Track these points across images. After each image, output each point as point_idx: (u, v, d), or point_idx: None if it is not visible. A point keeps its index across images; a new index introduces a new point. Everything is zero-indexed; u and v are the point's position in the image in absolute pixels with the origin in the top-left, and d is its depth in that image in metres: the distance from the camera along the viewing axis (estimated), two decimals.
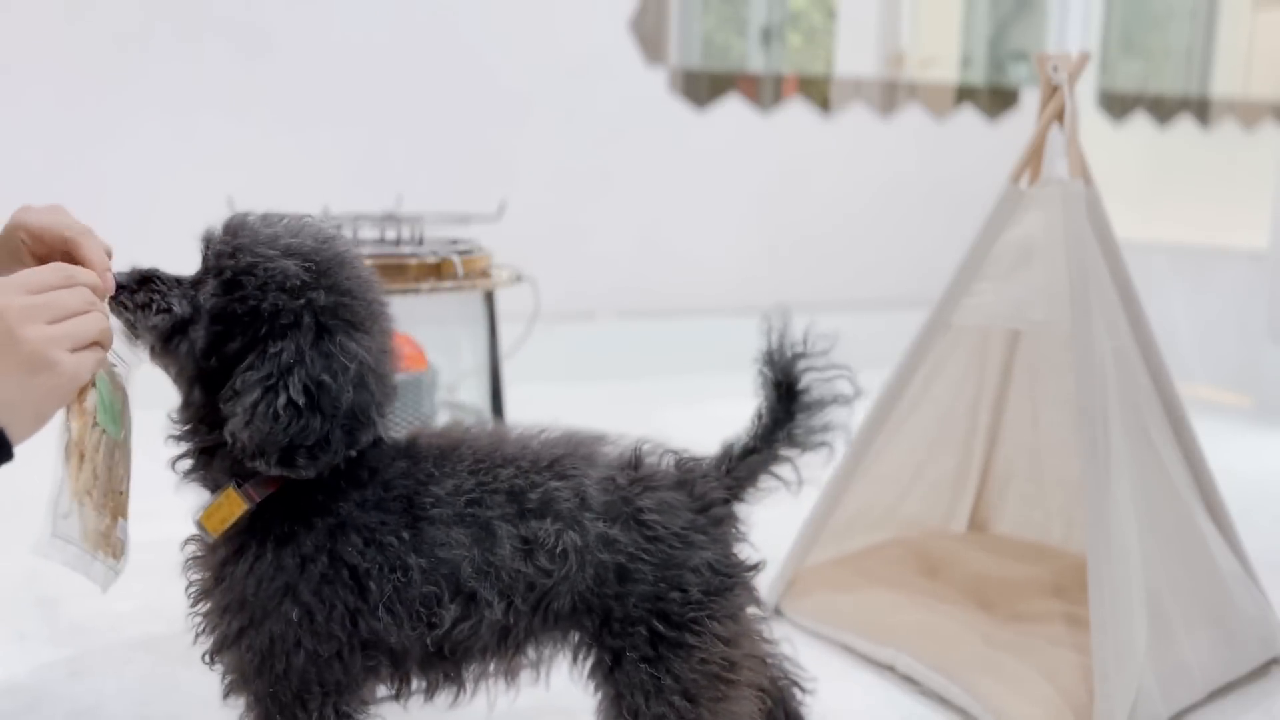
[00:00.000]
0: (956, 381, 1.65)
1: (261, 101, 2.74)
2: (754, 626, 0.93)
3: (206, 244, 0.85)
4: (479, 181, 2.91)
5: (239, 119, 2.72)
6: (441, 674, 0.88)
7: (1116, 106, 3.72)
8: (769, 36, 3.45)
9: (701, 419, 0.96)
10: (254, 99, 2.73)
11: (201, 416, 0.86)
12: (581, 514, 0.86)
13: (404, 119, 2.88)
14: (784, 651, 1.04)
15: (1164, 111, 3.74)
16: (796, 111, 3.40)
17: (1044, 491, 1.71)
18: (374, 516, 0.84)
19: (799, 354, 0.90)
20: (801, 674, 1.06)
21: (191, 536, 0.89)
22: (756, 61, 3.44)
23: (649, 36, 3.14)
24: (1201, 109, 3.75)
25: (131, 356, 0.93)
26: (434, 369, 1.48)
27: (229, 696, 0.87)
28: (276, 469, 0.82)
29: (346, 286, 0.84)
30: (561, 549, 0.84)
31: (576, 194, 3.12)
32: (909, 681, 1.34)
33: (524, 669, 0.92)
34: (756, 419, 0.92)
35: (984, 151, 3.57)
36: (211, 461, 0.86)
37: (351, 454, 0.83)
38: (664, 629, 0.86)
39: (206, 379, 0.85)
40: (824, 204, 3.49)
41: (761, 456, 0.92)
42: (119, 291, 0.84)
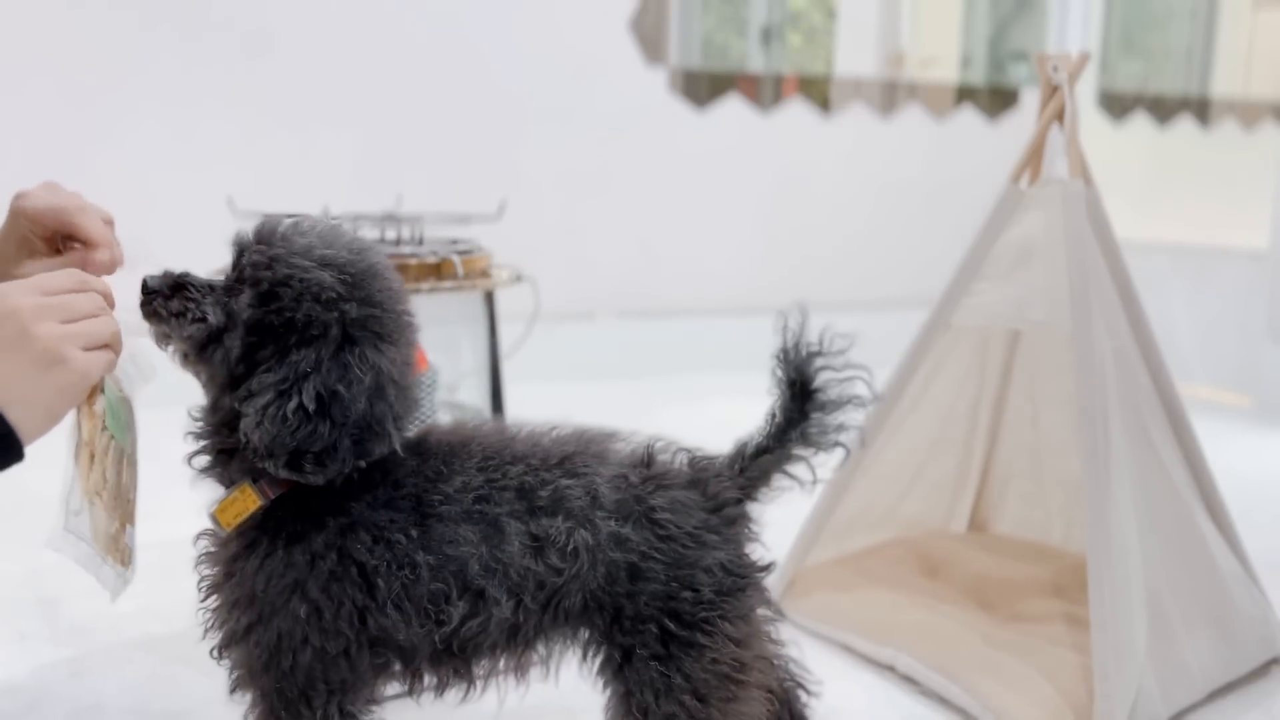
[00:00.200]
0: (956, 381, 1.65)
1: (262, 101, 2.74)
2: (765, 627, 0.92)
3: (240, 252, 0.84)
4: (479, 181, 2.91)
5: (239, 118, 2.72)
6: (451, 670, 0.88)
7: (1116, 106, 3.72)
8: (769, 36, 3.45)
9: (702, 419, 0.96)
10: (254, 98, 2.73)
11: (225, 420, 0.86)
12: (593, 512, 0.85)
13: (404, 119, 2.88)
14: (790, 653, 1.03)
15: (1164, 111, 3.74)
16: (796, 111, 3.40)
17: (1044, 491, 1.71)
18: (383, 515, 0.84)
19: (815, 353, 0.89)
20: (807, 676, 1.05)
21: (204, 531, 0.89)
22: (756, 61, 3.44)
23: (649, 36, 3.14)
24: (1201, 109, 3.75)
25: (137, 372, 0.93)
26: (434, 369, 1.48)
27: (235, 691, 0.87)
28: (285, 472, 0.82)
29: (378, 299, 0.84)
30: (573, 547, 0.84)
31: (576, 194, 3.12)
32: (909, 681, 1.34)
33: (534, 666, 0.91)
34: (770, 418, 0.92)
35: (984, 151, 3.57)
36: (230, 461, 0.86)
37: (363, 463, 0.83)
38: (675, 628, 0.85)
39: (236, 385, 0.85)
40: (824, 204, 3.49)
41: (774, 456, 0.91)
42: (152, 298, 0.84)
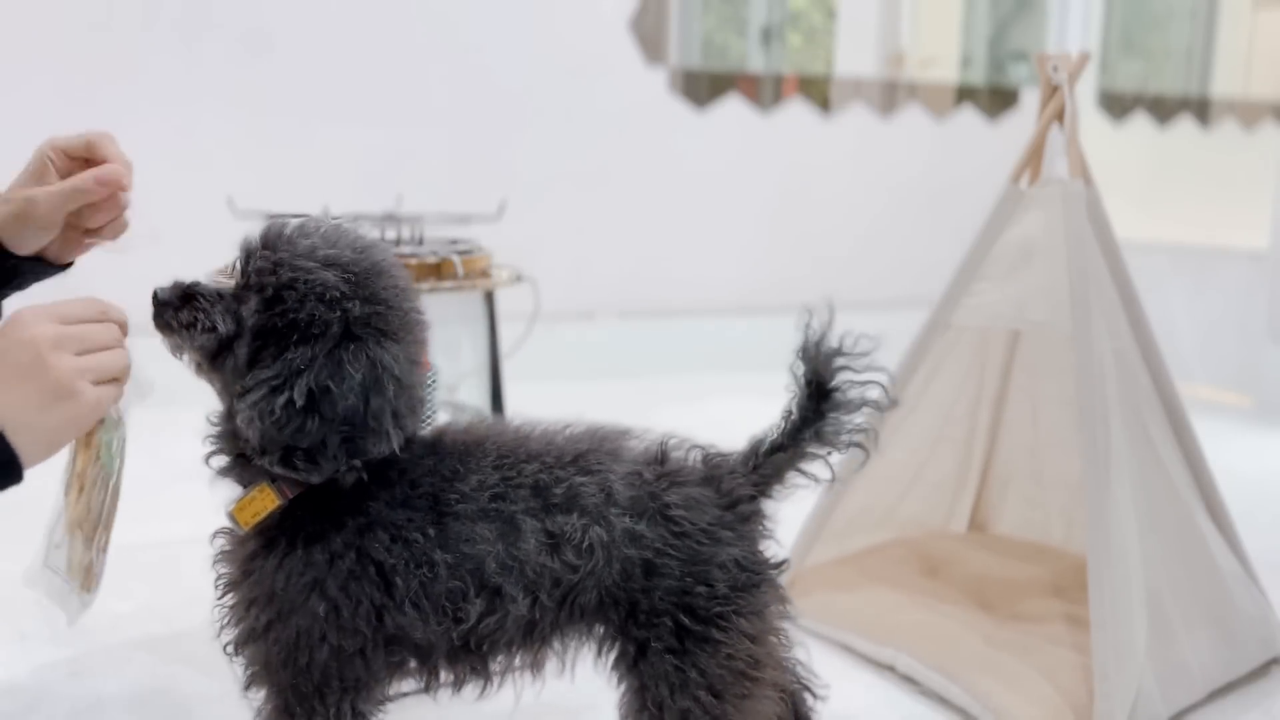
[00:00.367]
0: (956, 381, 1.65)
1: (262, 101, 2.74)
2: (778, 625, 0.92)
3: (246, 258, 0.84)
4: (479, 181, 2.91)
5: (239, 118, 2.72)
6: (469, 667, 0.88)
7: (1116, 106, 3.72)
8: (769, 36, 3.45)
9: (702, 418, 0.96)
10: (254, 98, 2.73)
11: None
12: (608, 509, 0.85)
13: (404, 119, 2.88)
14: (797, 656, 1.03)
15: (1164, 111, 3.74)
16: (796, 111, 3.40)
17: (1044, 491, 1.71)
18: (401, 514, 0.84)
19: (834, 352, 0.89)
20: (814, 680, 1.05)
21: (221, 529, 0.89)
22: (756, 61, 3.44)
23: (649, 36, 3.14)
24: (1201, 109, 3.75)
25: (134, 389, 0.93)
26: (434, 369, 1.48)
27: (250, 688, 0.87)
28: (279, 469, 0.82)
29: (383, 296, 0.84)
30: (588, 544, 0.84)
31: (576, 194, 3.12)
32: (909, 681, 1.34)
33: (550, 662, 0.91)
34: (786, 415, 0.91)
35: (984, 151, 3.57)
36: (249, 462, 0.86)
37: (358, 462, 0.83)
38: (690, 623, 0.85)
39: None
40: (823, 204, 3.49)
41: (789, 454, 0.91)
42: (164, 310, 0.84)
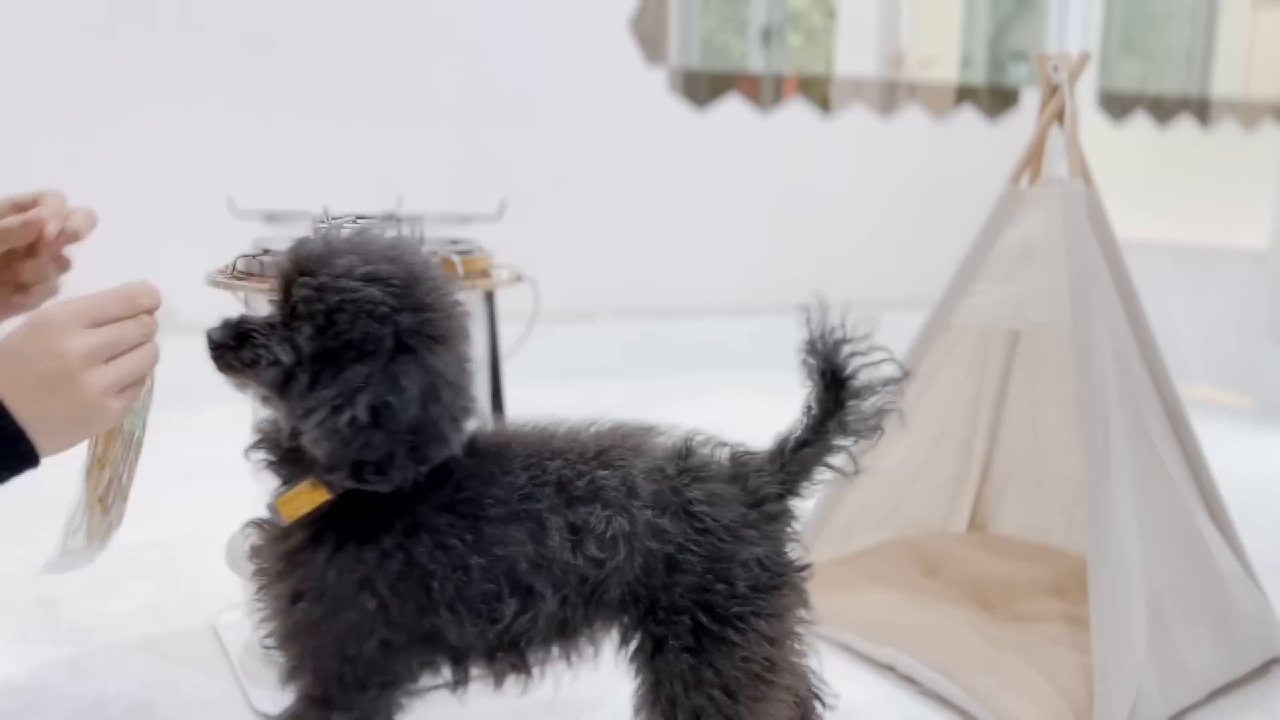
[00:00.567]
0: (956, 381, 1.65)
1: (262, 100, 2.74)
2: (798, 630, 0.92)
3: (287, 285, 0.83)
4: (479, 181, 2.91)
5: (239, 118, 2.72)
6: (508, 664, 0.88)
7: (1116, 106, 3.72)
8: (769, 36, 3.45)
9: (701, 418, 0.96)
10: (254, 98, 2.73)
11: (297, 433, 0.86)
12: (629, 502, 0.85)
13: (404, 119, 2.88)
14: (810, 662, 1.01)
15: (1164, 111, 3.74)
16: (796, 111, 3.40)
17: (1044, 491, 1.71)
18: (444, 518, 0.84)
19: (841, 340, 0.88)
20: (825, 688, 1.04)
21: (254, 521, 0.89)
22: (756, 61, 3.44)
23: (649, 36, 3.14)
24: (1201, 109, 3.74)
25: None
26: None
27: (291, 680, 0.87)
28: (350, 483, 0.82)
29: (428, 302, 0.84)
30: (610, 534, 0.84)
31: (576, 194, 3.12)
32: (909, 681, 1.34)
33: (581, 657, 0.91)
34: (806, 411, 0.91)
35: (984, 151, 3.57)
36: (300, 461, 0.85)
37: (424, 468, 0.82)
38: (708, 621, 0.85)
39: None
40: (824, 204, 3.49)
41: (815, 449, 0.91)
42: (222, 352, 0.84)
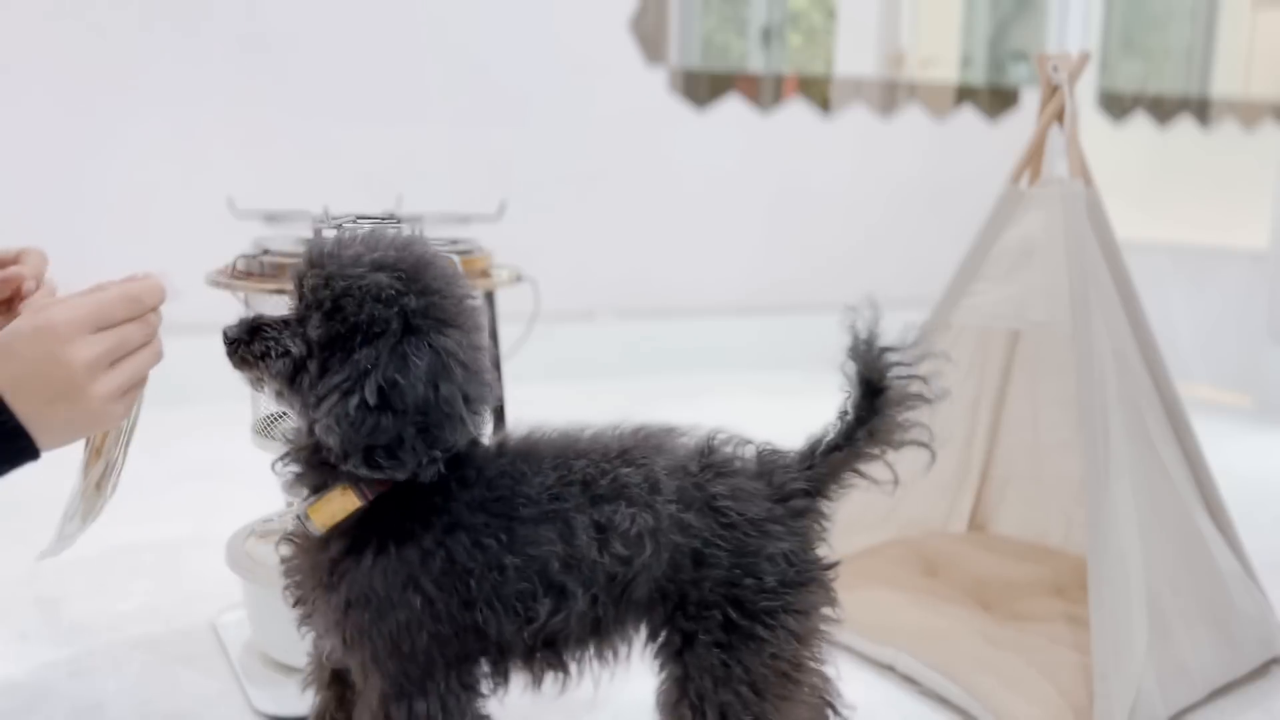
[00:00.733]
0: (956, 382, 1.65)
1: (262, 101, 2.74)
2: (824, 629, 0.92)
3: (300, 281, 0.84)
4: (479, 181, 2.91)
5: (239, 118, 2.72)
6: (544, 663, 0.89)
7: (1116, 106, 3.72)
8: (769, 36, 3.45)
9: (702, 418, 0.96)
10: (254, 98, 2.73)
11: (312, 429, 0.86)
12: (653, 498, 0.85)
13: (404, 119, 2.88)
14: (828, 670, 1.01)
15: (1164, 111, 3.74)
16: (796, 111, 3.41)
17: (1044, 491, 1.71)
18: (480, 517, 0.85)
19: (886, 349, 0.88)
20: (840, 699, 1.04)
21: (285, 537, 0.89)
22: (756, 61, 3.44)
23: (649, 36, 3.14)
24: (1201, 109, 3.75)
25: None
26: None
27: (364, 680, 0.87)
28: (364, 470, 0.81)
29: (435, 286, 0.84)
30: (636, 531, 0.84)
31: (576, 194, 3.12)
32: (909, 681, 1.34)
33: (614, 657, 0.91)
34: (840, 415, 0.91)
35: (984, 151, 3.57)
36: (333, 469, 0.85)
37: (438, 453, 0.82)
38: (737, 616, 0.85)
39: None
40: (824, 204, 3.49)
41: (845, 454, 0.91)
42: (236, 346, 0.85)
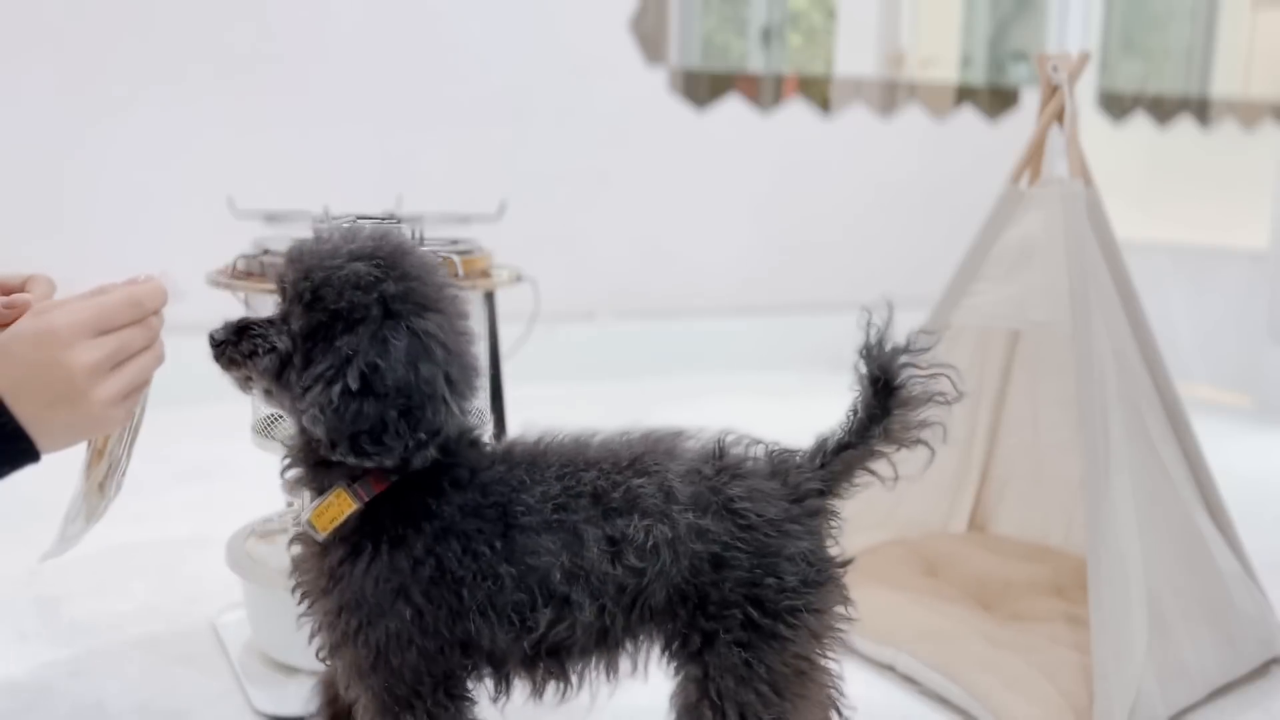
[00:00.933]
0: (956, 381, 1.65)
1: (262, 101, 2.74)
2: (839, 627, 0.92)
3: (282, 283, 0.85)
4: (479, 181, 2.91)
5: (239, 118, 2.72)
6: (546, 672, 0.88)
7: (1116, 106, 3.72)
8: (769, 36, 3.45)
9: (702, 418, 0.96)
10: (254, 98, 2.73)
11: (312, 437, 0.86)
12: (669, 507, 0.85)
13: (404, 119, 2.88)
14: (835, 670, 1.01)
15: (1164, 111, 3.74)
16: (796, 111, 3.41)
17: (1044, 491, 1.71)
18: (472, 523, 0.84)
19: (899, 349, 0.88)
20: (844, 699, 1.04)
21: (296, 537, 0.90)
22: (756, 61, 3.44)
23: (649, 36, 3.14)
24: (1201, 109, 3.75)
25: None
26: None
27: (347, 689, 0.88)
28: (352, 459, 0.81)
29: (414, 272, 0.84)
30: (652, 544, 0.83)
31: (576, 194, 3.12)
32: (909, 681, 1.34)
33: (621, 667, 0.91)
34: (851, 413, 0.91)
35: (984, 151, 3.57)
36: (329, 471, 0.86)
37: (424, 436, 0.82)
38: (759, 616, 0.85)
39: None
40: (824, 204, 3.49)
41: (856, 452, 0.91)
42: (223, 348, 0.85)
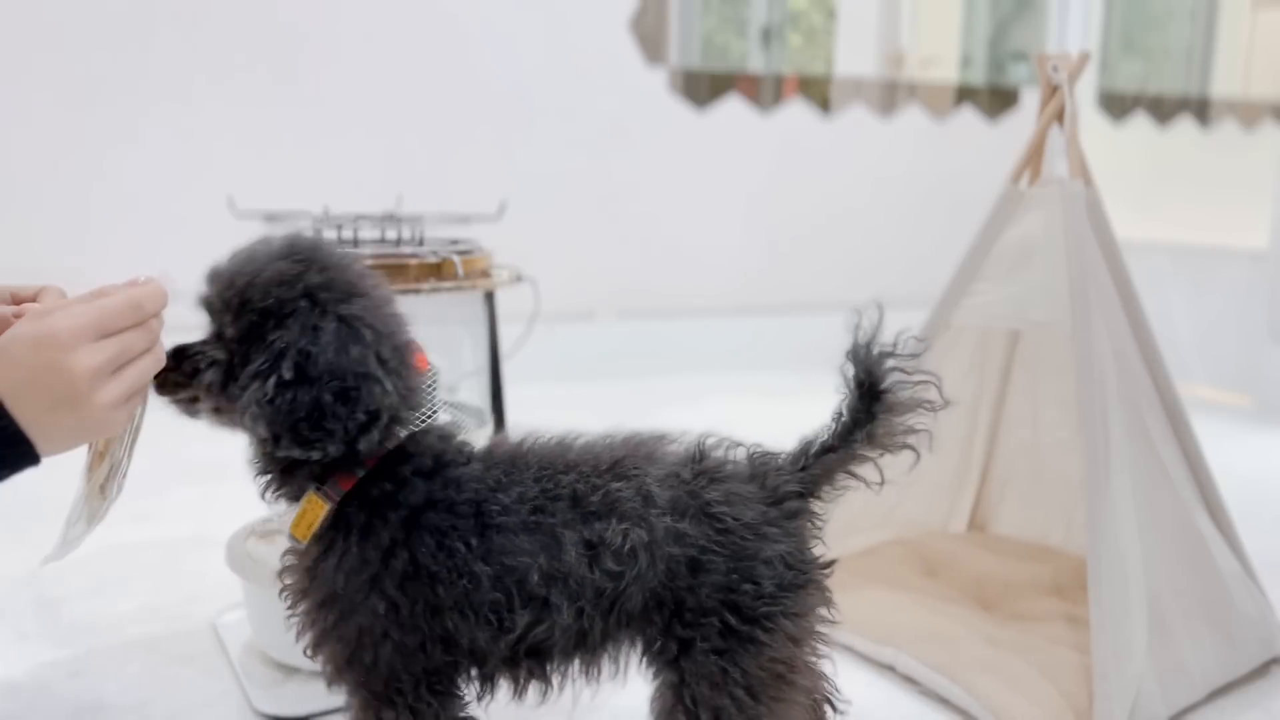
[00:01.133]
0: (956, 381, 1.65)
1: (262, 101, 2.74)
2: (819, 630, 0.91)
3: (209, 305, 0.85)
4: (479, 181, 2.91)
5: (239, 118, 2.72)
6: (526, 672, 0.88)
7: (1116, 106, 3.72)
8: (769, 36, 3.45)
9: (702, 418, 0.96)
10: (254, 98, 2.73)
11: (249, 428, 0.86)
12: (646, 511, 0.85)
13: (404, 119, 2.88)
14: (825, 666, 1.01)
15: (1164, 111, 3.74)
16: (796, 111, 3.41)
17: (1044, 491, 1.71)
18: (445, 518, 0.84)
19: (886, 353, 0.87)
20: (836, 694, 1.04)
21: (287, 550, 0.90)
22: (756, 61, 3.44)
23: (649, 36, 3.14)
24: (1201, 109, 3.75)
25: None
26: (434, 369, 1.48)
27: (330, 686, 0.89)
28: (297, 451, 0.82)
29: (332, 261, 0.85)
30: (630, 548, 0.83)
31: (576, 194, 3.12)
32: (909, 681, 1.34)
33: (602, 670, 0.91)
34: (836, 416, 0.90)
35: (984, 151, 3.57)
36: (294, 475, 0.87)
37: (363, 416, 0.82)
38: (736, 622, 0.85)
39: None
40: (824, 204, 3.49)
41: (839, 455, 0.90)
42: (165, 375, 0.85)
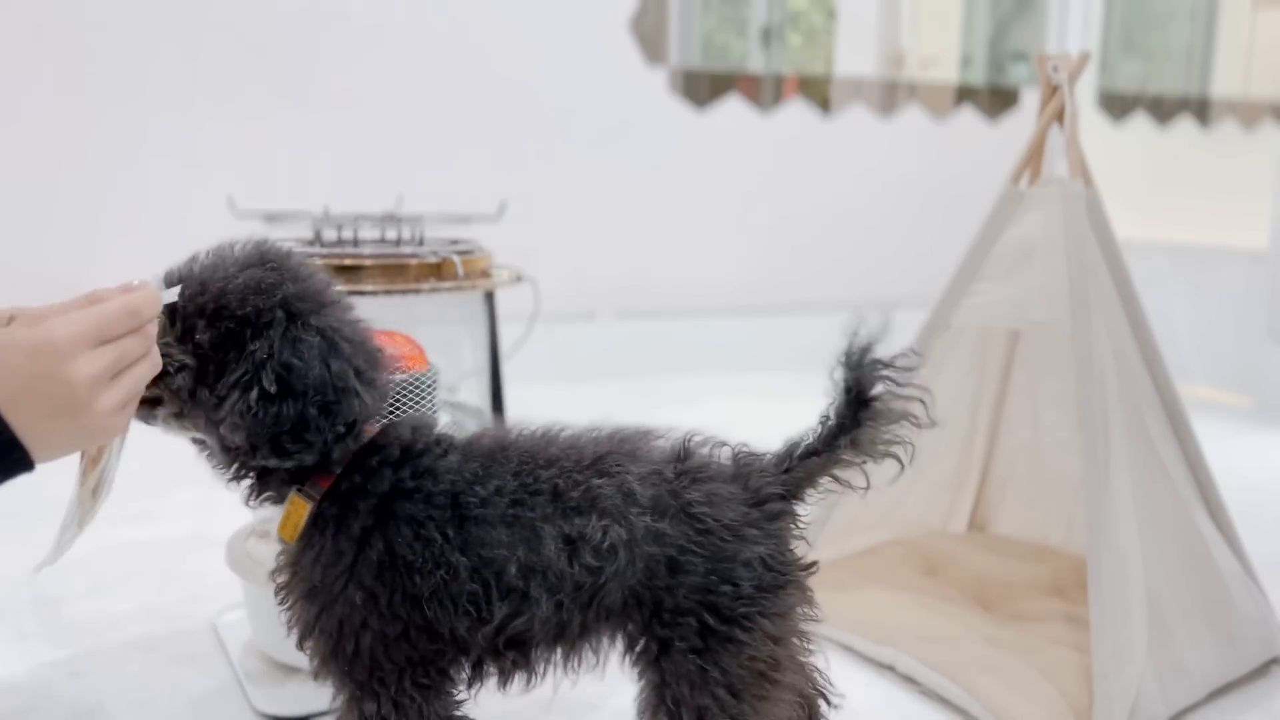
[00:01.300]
0: (956, 381, 1.65)
1: (262, 101, 2.74)
2: (802, 628, 0.91)
3: (172, 311, 0.85)
4: (479, 181, 2.91)
5: (239, 118, 2.72)
6: (509, 661, 0.89)
7: (1116, 106, 3.72)
8: (769, 36, 3.45)
9: (702, 418, 0.96)
10: (254, 98, 2.73)
11: (239, 449, 0.86)
12: (627, 509, 0.85)
13: (404, 119, 2.88)
14: (816, 662, 1.01)
15: (1164, 111, 3.74)
16: (796, 111, 3.41)
17: (1044, 491, 1.71)
18: (421, 509, 0.85)
19: (878, 362, 0.87)
20: (830, 688, 1.04)
21: (280, 550, 0.91)
22: (756, 61, 3.44)
23: (649, 36, 3.14)
24: (1201, 109, 3.75)
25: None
26: (434, 369, 1.48)
27: (317, 678, 0.89)
28: (274, 460, 0.83)
29: (303, 272, 0.86)
30: (609, 544, 0.84)
31: (576, 194, 3.12)
32: (909, 681, 1.34)
33: (584, 660, 0.91)
34: (822, 421, 0.90)
35: (984, 151, 3.57)
36: (270, 479, 0.88)
37: (341, 428, 0.83)
38: (714, 622, 0.85)
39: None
40: (824, 204, 3.49)
41: (822, 459, 0.90)
42: None
